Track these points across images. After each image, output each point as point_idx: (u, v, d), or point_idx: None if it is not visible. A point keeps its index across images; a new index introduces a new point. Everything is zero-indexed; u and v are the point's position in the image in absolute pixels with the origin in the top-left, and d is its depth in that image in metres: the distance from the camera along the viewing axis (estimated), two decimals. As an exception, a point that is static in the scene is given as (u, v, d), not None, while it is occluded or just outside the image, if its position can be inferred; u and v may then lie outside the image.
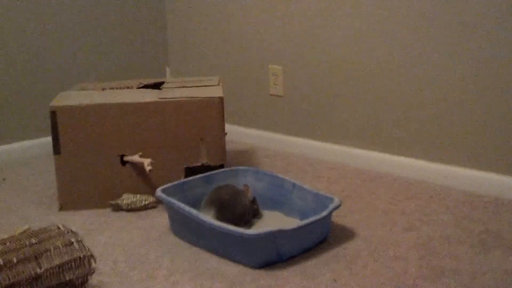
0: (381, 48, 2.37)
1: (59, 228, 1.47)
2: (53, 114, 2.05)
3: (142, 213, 2.05)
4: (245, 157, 2.69)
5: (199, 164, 2.12)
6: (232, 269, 1.62)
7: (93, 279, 1.54)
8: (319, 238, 1.75)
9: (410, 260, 1.65)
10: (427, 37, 2.22)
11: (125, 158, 2.09)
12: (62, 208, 2.09)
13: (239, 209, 1.84)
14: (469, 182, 2.19)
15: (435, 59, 2.22)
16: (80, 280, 1.40)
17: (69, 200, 2.09)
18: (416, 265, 1.62)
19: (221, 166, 2.14)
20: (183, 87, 2.30)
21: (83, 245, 1.42)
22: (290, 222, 1.82)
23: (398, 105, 2.36)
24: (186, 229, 1.79)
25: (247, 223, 1.88)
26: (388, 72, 2.36)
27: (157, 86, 2.40)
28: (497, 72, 2.07)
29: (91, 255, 1.42)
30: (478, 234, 1.81)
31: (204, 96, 2.12)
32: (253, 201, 1.93)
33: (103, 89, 2.36)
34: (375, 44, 2.39)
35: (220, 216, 1.77)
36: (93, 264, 1.42)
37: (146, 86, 2.42)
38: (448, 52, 2.18)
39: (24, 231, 1.56)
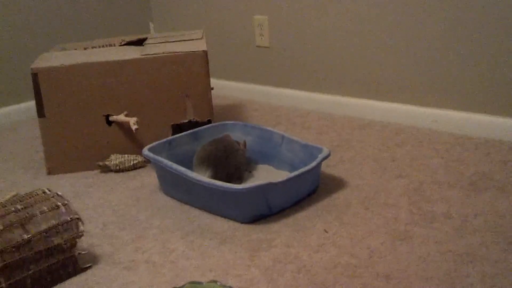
0: (366, -7, 2.32)
1: (44, 192, 1.45)
2: (35, 76, 2.01)
3: (131, 173, 2.04)
4: (233, 111, 2.67)
5: (186, 120, 2.09)
6: (222, 225, 1.61)
7: (83, 242, 1.53)
8: (309, 189, 1.74)
9: (401, 206, 1.64)
10: (412, -21, 2.18)
11: (111, 118, 2.06)
12: (50, 172, 2.07)
13: (233, 167, 1.83)
14: (459, 125, 2.17)
15: (422, 3, 2.17)
16: (68, 243, 1.39)
17: (57, 163, 2.07)
18: (407, 211, 1.62)
19: (209, 122, 2.11)
20: (166, 42, 2.26)
21: (70, 208, 1.41)
22: (280, 175, 1.80)
23: (385, 51, 2.32)
24: (175, 187, 1.77)
25: (240, 179, 1.86)
26: (375, 18, 2.32)
27: (140, 42, 2.35)
28: (483, 14, 2.03)
29: (78, 218, 1.40)
30: (469, 176, 1.81)
31: (187, 50, 2.07)
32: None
33: (85, 49, 2.32)
34: (360, -11, 2.34)
35: (215, 175, 1.75)
36: (81, 227, 1.40)
37: (129, 43, 2.37)
38: (434, -6, 2.14)
39: (12, 198, 1.54)
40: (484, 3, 2.02)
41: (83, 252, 1.44)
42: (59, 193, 1.45)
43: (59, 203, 1.41)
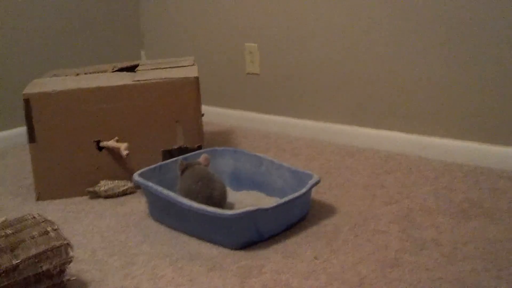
0: (355, 24, 2.35)
1: (34, 217, 1.44)
2: (27, 101, 2.01)
3: (121, 199, 2.03)
4: (223, 137, 2.67)
5: (176, 146, 2.10)
6: (212, 251, 1.61)
7: (72, 268, 1.51)
8: (299, 215, 1.74)
9: (391, 234, 1.65)
10: (400, 13, 2.20)
11: (101, 144, 2.06)
12: (39, 197, 2.06)
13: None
14: (448, 152, 2.19)
15: (408, 31, 2.20)
16: (57, 269, 1.37)
17: (46, 189, 2.06)
18: (397, 238, 1.62)
19: (199, 148, 2.12)
20: (158, 68, 2.27)
21: (60, 234, 1.40)
22: (270, 201, 1.80)
23: (373, 79, 2.34)
24: (165, 213, 1.77)
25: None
26: (363, 46, 2.35)
27: (131, 69, 2.36)
28: (470, 41, 2.06)
29: (68, 244, 1.39)
30: (459, 203, 1.81)
31: (179, 76, 2.09)
32: None
33: (77, 75, 2.32)
34: (349, 19, 2.36)
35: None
36: (71, 253, 1.39)
37: (120, 70, 2.38)
38: (421, 23, 2.16)
39: (1, 223, 1.53)
40: (471, 31, 2.05)
41: (72, 278, 1.43)
42: (49, 219, 1.44)
43: (49, 229, 1.40)
